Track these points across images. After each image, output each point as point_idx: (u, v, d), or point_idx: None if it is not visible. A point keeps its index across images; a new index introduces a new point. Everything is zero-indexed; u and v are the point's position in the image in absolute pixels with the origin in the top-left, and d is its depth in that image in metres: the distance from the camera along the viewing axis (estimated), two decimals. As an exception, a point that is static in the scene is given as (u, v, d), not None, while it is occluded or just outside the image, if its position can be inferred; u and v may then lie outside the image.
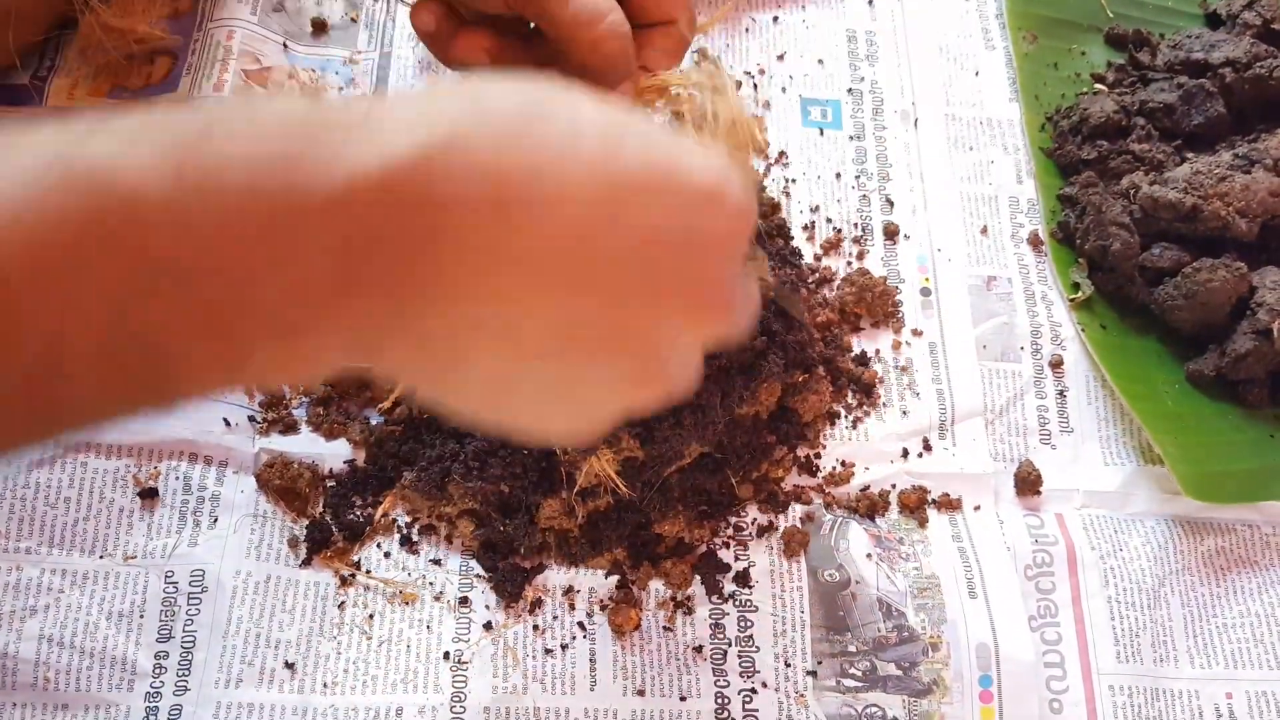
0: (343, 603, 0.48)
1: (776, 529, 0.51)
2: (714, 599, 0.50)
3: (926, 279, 0.60)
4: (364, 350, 0.27)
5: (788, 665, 0.49)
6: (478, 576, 0.49)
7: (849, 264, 0.59)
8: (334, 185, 0.25)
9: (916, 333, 0.58)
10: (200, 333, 0.25)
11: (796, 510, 0.52)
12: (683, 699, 0.48)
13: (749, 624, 0.49)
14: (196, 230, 0.24)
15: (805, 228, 0.60)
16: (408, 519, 0.50)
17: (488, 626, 0.48)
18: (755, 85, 0.64)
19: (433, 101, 0.27)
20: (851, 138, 0.64)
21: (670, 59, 0.44)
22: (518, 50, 0.43)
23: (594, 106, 0.28)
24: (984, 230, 0.62)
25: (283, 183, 0.24)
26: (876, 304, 0.57)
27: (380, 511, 0.50)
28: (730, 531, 0.51)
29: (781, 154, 0.62)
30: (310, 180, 0.25)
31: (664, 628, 0.49)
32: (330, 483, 0.51)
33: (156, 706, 0.45)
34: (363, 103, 0.27)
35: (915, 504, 0.53)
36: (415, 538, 0.50)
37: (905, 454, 0.55)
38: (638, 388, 0.30)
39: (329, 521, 0.50)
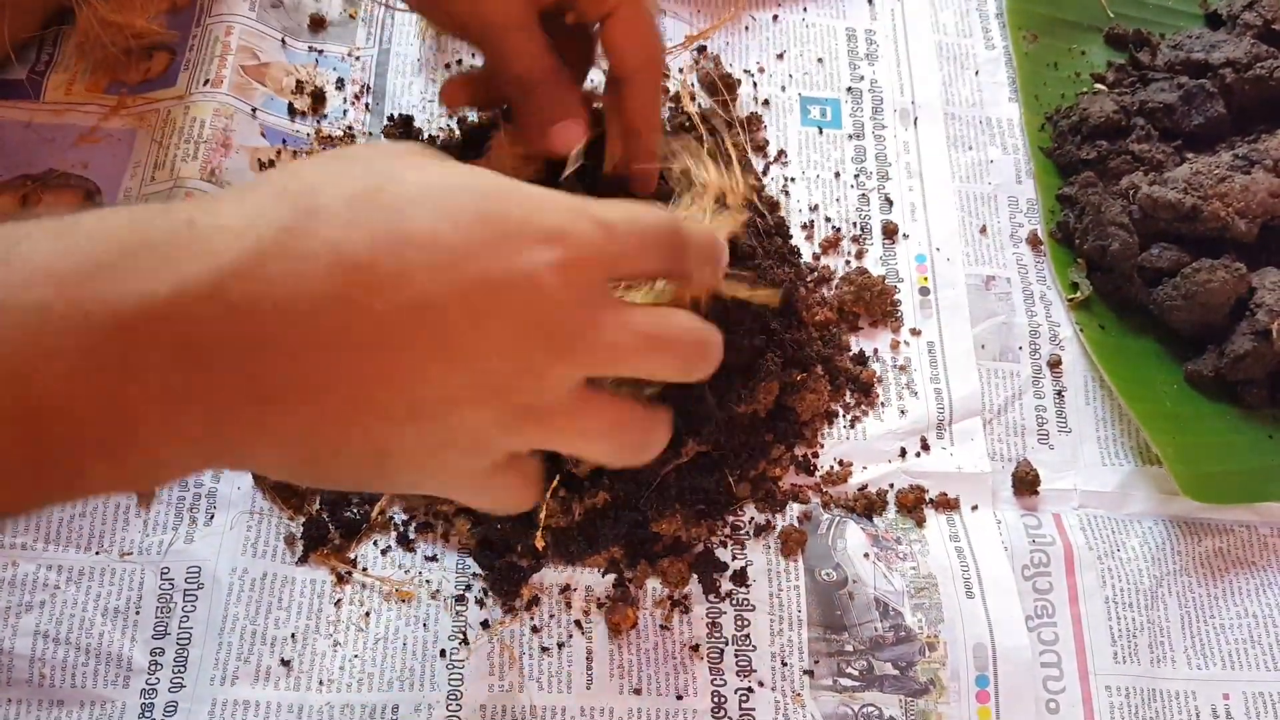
0: (339, 600, 0.48)
1: (774, 528, 0.51)
2: (711, 598, 0.49)
3: (925, 278, 0.60)
4: (230, 454, 0.27)
5: (784, 664, 0.48)
6: (474, 574, 0.49)
7: (848, 263, 0.59)
8: (157, 298, 0.24)
9: (915, 332, 0.58)
10: (23, 450, 0.24)
11: (794, 509, 0.52)
12: (679, 698, 0.48)
13: (746, 623, 0.49)
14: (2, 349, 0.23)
15: (804, 226, 0.60)
16: (404, 516, 0.50)
17: (484, 624, 0.48)
18: (755, 84, 0.64)
19: (259, 204, 0.27)
20: (851, 137, 0.64)
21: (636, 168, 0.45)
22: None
23: (419, 173, 0.28)
24: (983, 230, 0.62)
25: (98, 297, 0.24)
26: (875, 303, 0.57)
27: (377, 509, 0.50)
28: (728, 530, 0.51)
29: (780, 153, 0.62)
30: (131, 294, 0.24)
31: (661, 626, 0.49)
32: (327, 480, 0.50)
33: (152, 703, 0.45)
34: (183, 210, 0.26)
35: (913, 503, 0.53)
36: (412, 535, 0.50)
37: (903, 453, 0.55)
38: (519, 431, 0.30)
39: (325, 519, 0.49)
